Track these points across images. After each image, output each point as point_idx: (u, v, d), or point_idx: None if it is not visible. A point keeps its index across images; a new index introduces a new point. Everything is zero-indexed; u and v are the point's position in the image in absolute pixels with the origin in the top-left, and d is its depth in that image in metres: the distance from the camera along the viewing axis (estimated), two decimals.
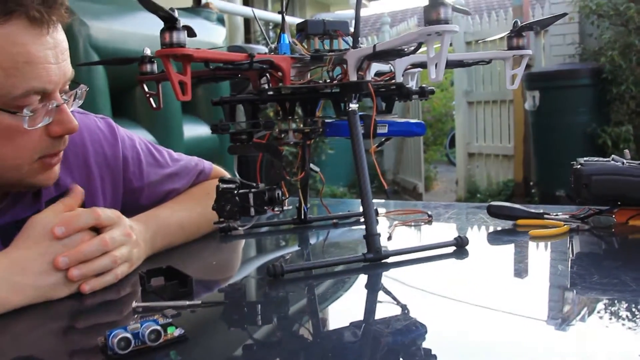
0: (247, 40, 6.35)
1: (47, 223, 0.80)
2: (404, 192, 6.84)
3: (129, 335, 0.57)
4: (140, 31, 2.92)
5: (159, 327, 0.58)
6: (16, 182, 0.87)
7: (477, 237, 1.06)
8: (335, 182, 5.64)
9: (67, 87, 0.87)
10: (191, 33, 0.72)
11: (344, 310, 0.75)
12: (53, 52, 0.81)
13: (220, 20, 3.97)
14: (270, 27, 5.27)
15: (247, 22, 6.31)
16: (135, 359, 0.57)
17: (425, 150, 7.58)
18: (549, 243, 0.98)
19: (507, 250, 0.99)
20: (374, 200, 1.38)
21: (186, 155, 1.18)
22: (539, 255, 0.94)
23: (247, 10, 4.97)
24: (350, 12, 8.09)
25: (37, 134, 0.84)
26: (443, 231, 1.14)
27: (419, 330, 0.64)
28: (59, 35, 0.83)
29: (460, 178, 6.39)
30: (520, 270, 0.86)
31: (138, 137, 1.12)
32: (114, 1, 3.09)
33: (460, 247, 0.91)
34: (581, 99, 4.62)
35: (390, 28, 7.96)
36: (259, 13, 5.78)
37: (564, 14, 1.03)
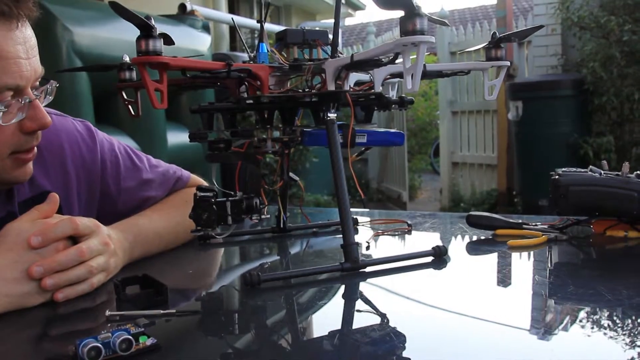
0: (233, 48, 6.36)
1: (22, 230, 0.79)
2: (388, 201, 6.86)
3: (99, 344, 0.56)
4: (124, 38, 2.91)
5: (130, 337, 0.58)
6: None
7: (455, 246, 1.07)
8: (319, 191, 5.64)
9: (38, 83, 0.88)
10: (168, 41, 0.72)
11: (321, 319, 0.74)
12: (23, 47, 0.82)
13: (206, 28, 3.97)
14: (256, 36, 5.27)
15: (233, 30, 6.31)
16: None
17: (409, 159, 7.62)
18: (527, 253, 0.98)
19: (486, 260, 0.99)
20: (355, 210, 1.39)
21: (165, 163, 1.18)
22: (517, 265, 0.95)
23: (231, 18, 4.97)
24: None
25: (10, 130, 0.84)
26: (422, 241, 1.14)
27: (397, 339, 0.64)
28: (28, 31, 0.84)
29: (444, 187, 6.42)
30: (498, 280, 0.87)
31: (117, 141, 1.12)
32: (98, 7, 3.08)
33: (438, 257, 0.91)
34: (563, 110, 4.67)
35: (376, 37, 8.01)
36: (245, 21, 5.79)
37: (541, 26, 1.04)
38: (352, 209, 1.33)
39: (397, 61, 0.81)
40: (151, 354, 0.60)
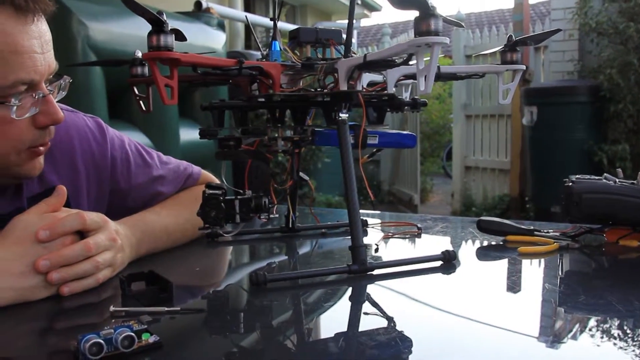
0: (248, 46, 6.36)
1: (30, 224, 0.79)
2: (399, 203, 6.84)
3: (101, 340, 0.56)
4: (139, 33, 2.92)
5: (132, 334, 0.57)
6: (1, 172, 0.87)
7: (465, 251, 1.05)
8: (331, 191, 5.63)
9: (52, 78, 0.88)
10: (180, 37, 0.71)
11: (327, 321, 0.73)
12: (38, 41, 0.81)
13: (221, 26, 3.97)
14: (271, 35, 5.26)
15: (248, 28, 6.31)
16: None
17: (422, 161, 7.58)
18: (537, 260, 0.97)
19: (495, 266, 0.98)
20: (366, 211, 1.38)
21: (175, 159, 1.17)
22: (527, 272, 0.93)
23: (248, 17, 4.97)
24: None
25: (24, 125, 0.84)
26: (431, 244, 1.13)
27: (403, 343, 0.63)
28: (43, 26, 0.84)
29: (456, 191, 6.39)
30: (507, 286, 0.85)
31: (128, 138, 1.12)
32: (114, 3, 3.09)
33: (447, 262, 0.90)
34: (579, 116, 4.63)
35: (391, 39, 7.99)
36: (260, 20, 5.79)
37: (558, 30, 1.03)
38: (362, 211, 1.33)
39: (411, 62, 0.80)
40: (153, 351, 0.59)
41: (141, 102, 0.97)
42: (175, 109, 3.39)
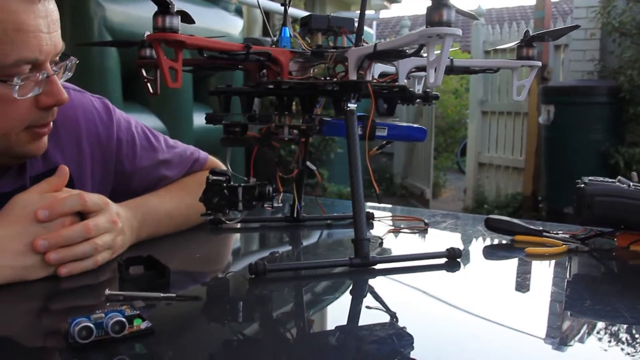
0: (266, 33, 6.34)
1: (30, 203, 0.78)
2: (411, 197, 6.80)
3: (91, 324, 0.55)
4: None
5: (123, 319, 0.56)
6: (4, 151, 0.86)
7: (471, 249, 1.04)
8: (342, 182, 5.60)
9: (58, 59, 0.86)
10: (187, 19, 0.70)
11: (326, 314, 0.72)
12: (45, 21, 0.80)
13: (239, 12, 3.96)
14: (290, 22, 5.23)
15: (267, 15, 6.29)
16: (97, 349, 0.55)
17: (436, 156, 7.53)
18: (545, 262, 0.95)
19: (501, 266, 0.96)
20: (373, 204, 1.36)
21: (182, 143, 1.16)
22: (533, 273, 0.91)
23: (267, 3, 4.94)
24: (370, 13, 8.05)
25: (26, 104, 0.83)
26: (437, 241, 1.11)
27: (403, 339, 0.61)
28: (51, 5, 0.82)
29: (469, 187, 6.34)
30: (512, 287, 0.83)
31: (134, 120, 1.11)
32: None
33: (452, 259, 0.88)
34: (596, 117, 4.56)
35: (409, 31, 7.92)
36: (278, 7, 5.76)
37: (576, 26, 1.00)
38: (370, 204, 1.31)
39: (423, 54, 0.78)
40: (144, 337, 0.58)
41: (149, 84, 0.96)
42: (189, 93, 3.39)
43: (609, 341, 0.63)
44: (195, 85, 3.40)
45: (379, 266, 0.84)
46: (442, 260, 0.88)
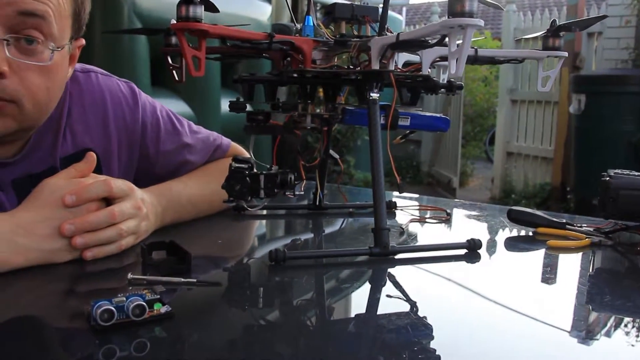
0: (295, 19, 6.32)
1: (58, 188, 0.80)
2: (437, 185, 6.76)
3: (112, 308, 0.56)
4: None
5: (144, 303, 0.57)
6: None
7: (493, 241, 1.03)
8: (369, 169, 5.60)
9: (32, 30, 0.80)
10: (210, 7, 0.70)
11: (345, 302, 0.73)
12: None
13: None
14: (317, 9, 5.21)
15: (295, 1, 6.27)
16: (118, 331, 0.57)
17: (464, 144, 7.46)
18: (567, 255, 0.94)
19: (522, 258, 0.95)
20: (396, 193, 1.36)
21: (205, 129, 1.18)
22: (554, 266, 0.91)
23: None
24: (397, 0, 7.96)
25: None
26: (459, 231, 1.11)
27: (423, 330, 0.62)
28: None
29: (497, 177, 6.27)
30: (532, 279, 0.83)
31: (160, 104, 1.12)
32: None
33: (472, 250, 0.88)
34: (629, 107, 4.45)
35: (439, 18, 7.82)
36: None
37: (604, 16, 0.98)
38: (393, 192, 1.31)
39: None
40: (164, 321, 0.59)
41: (174, 71, 0.97)
42: (217, 80, 3.41)
43: (637, 336, 0.63)
44: (222, 71, 3.42)
45: (399, 256, 0.85)
46: (462, 251, 0.88)
